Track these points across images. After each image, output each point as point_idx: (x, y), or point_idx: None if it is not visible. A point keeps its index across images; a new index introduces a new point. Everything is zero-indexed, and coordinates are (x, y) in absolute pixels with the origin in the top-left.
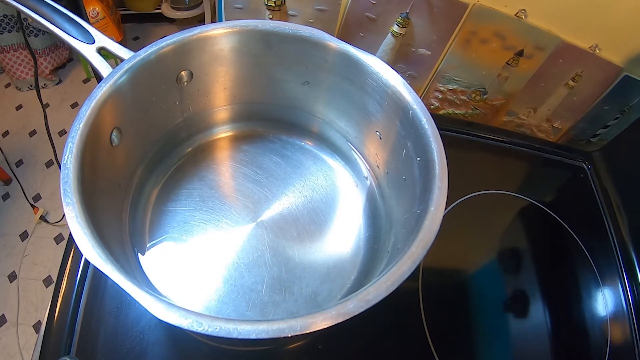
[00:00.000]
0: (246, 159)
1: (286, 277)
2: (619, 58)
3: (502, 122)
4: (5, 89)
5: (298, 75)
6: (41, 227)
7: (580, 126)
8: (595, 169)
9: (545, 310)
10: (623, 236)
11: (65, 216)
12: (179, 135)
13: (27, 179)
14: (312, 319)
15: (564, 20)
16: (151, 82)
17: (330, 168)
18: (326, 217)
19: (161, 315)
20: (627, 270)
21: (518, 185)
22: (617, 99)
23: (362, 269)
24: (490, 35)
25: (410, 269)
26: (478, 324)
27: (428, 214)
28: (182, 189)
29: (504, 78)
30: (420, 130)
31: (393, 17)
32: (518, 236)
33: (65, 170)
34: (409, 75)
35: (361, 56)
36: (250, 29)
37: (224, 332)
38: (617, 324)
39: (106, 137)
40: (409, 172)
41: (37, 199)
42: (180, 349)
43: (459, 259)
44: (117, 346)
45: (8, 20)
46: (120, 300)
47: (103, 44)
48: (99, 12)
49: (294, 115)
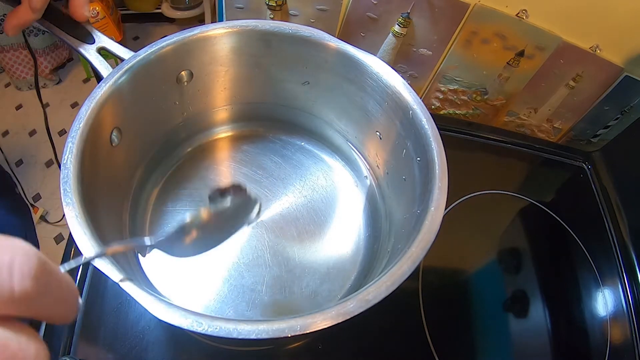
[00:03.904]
0: (246, 159)
1: (286, 277)
2: (620, 58)
3: (503, 122)
4: (5, 89)
5: (298, 75)
6: (41, 227)
7: (581, 126)
8: (595, 169)
9: (545, 310)
10: (623, 236)
11: (65, 216)
12: (179, 135)
13: (27, 178)
14: (312, 319)
15: (564, 20)
16: (151, 82)
17: (330, 168)
18: (326, 217)
19: (161, 315)
20: (627, 270)
21: (518, 185)
22: (618, 99)
23: (362, 269)
24: (491, 36)
25: (410, 269)
26: (478, 323)
27: (428, 214)
28: (182, 189)
29: (504, 78)
30: (420, 131)
31: (394, 17)
32: (518, 236)
33: (65, 170)
34: (409, 75)
35: (361, 56)
36: (250, 29)
37: (224, 332)
38: (617, 324)
39: (106, 137)
40: (409, 172)
41: (37, 199)
42: (180, 349)
43: (459, 259)
44: (117, 346)
45: None
46: (120, 300)
47: (103, 44)
48: (99, 12)
49: (294, 115)
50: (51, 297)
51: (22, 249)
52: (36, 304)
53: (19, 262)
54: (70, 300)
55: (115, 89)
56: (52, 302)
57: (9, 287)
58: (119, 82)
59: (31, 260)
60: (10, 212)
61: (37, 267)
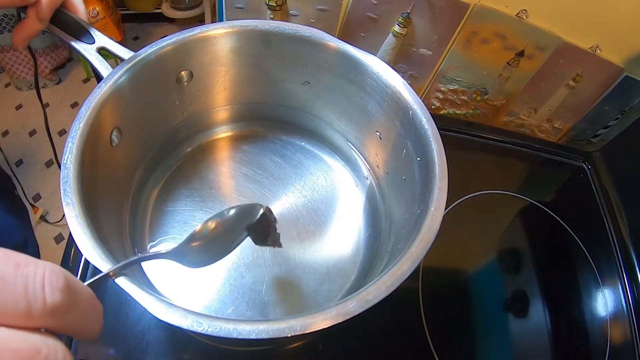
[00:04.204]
0: (246, 159)
1: (286, 277)
2: (620, 58)
3: (503, 122)
4: (5, 89)
5: (298, 75)
6: (41, 227)
7: (581, 126)
8: (595, 169)
9: (545, 310)
10: (623, 236)
11: (65, 216)
12: (179, 135)
13: (27, 178)
14: (312, 319)
15: (564, 20)
16: (151, 82)
17: (330, 168)
18: (326, 217)
19: (161, 315)
20: (627, 270)
21: (518, 185)
22: (618, 99)
23: (362, 269)
24: (491, 36)
25: (410, 269)
26: (478, 323)
27: (428, 214)
28: (182, 189)
29: (504, 78)
30: (420, 130)
31: (394, 17)
32: (518, 236)
33: (65, 170)
34: (409, 75)
35: (361, 56)
36: (250, 29)
37: (224, 332)
38: (617, 324)
39: (106, 137)
40: (409, 172)
41: (37, 199)
42: (180, 349)
43: (459, 259)
44: (117, 346)
45: (8, 19)
46: (120, 300)
47: (103, 44)
48: (99, 11)
49: (294, 115)
50: (78, 311)
51: (50, 266)
52: (66, 316)
53: (48, 277)
54: (95, 315)
55: (115, 89)
56: (79, 316)
57: (42, 300)
58: (119, 82)
59: (59, 275)
60: (10, 214)
61: (66, 281)
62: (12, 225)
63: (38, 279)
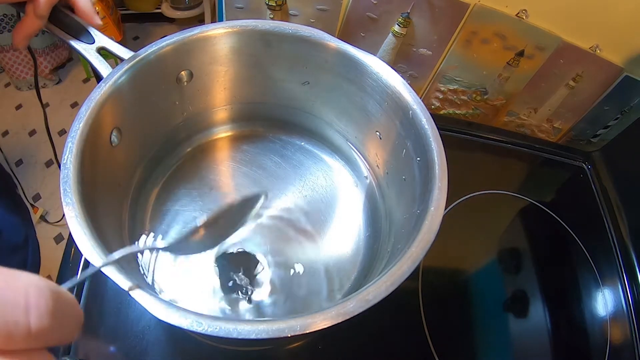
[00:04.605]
0: (246, 158)
1: (286, 277)
2: (620, 58)
3: (503, 122)
4: (5, 89)
5: (298, 75)
6: (41, 227)
7: (581, 126)
8: (595, 169)
9: (545, 310)
10: (623, 236)
11: (65, 216)
12: (179, 135)
13: (26, 178)
14: (312, 319)
15: (564, 20)
16: (151, 82)
17: (330, 168)
18: (326, 217)
19: (161, 315)
20: (627, 271)
21: (518, 185)
22: (618, 99)
23: (362, 269)
24: (491, 36)
25: (410, 269)
26: (478, 323)
27: (428, 214)
28: (182, 189)
29: (504, 78)
30: (420, 130)
31: (394, 17)
32: (518, 236)
33: (65, 170)
34: (409, 75)
35: (361, 56)
36: (250, 29)
37: (224, 332)
38: (617, 324)
39: (106, 137)
40: (409, 172)
41: (36, 199)
42: (180, 349)
43: (459, 259)
44: (117, 346)
45: (8, 19)
46: (120, 300)
47: (103, 44)
48: (99, 11)
49: (294, 115)
50: (63, 326)
51: (34, 286)
52: (50, 335)
53: (34, 300)
54: (76, 323)
55: (115, 89)
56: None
57: (25, 326)
58: (118, 82)
59: (45, 295)
60: (11, 213)
61: (53, 302)
62: (12, 224)
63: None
